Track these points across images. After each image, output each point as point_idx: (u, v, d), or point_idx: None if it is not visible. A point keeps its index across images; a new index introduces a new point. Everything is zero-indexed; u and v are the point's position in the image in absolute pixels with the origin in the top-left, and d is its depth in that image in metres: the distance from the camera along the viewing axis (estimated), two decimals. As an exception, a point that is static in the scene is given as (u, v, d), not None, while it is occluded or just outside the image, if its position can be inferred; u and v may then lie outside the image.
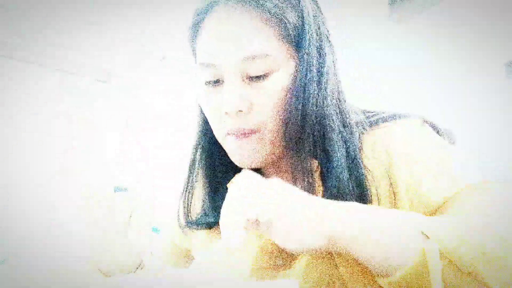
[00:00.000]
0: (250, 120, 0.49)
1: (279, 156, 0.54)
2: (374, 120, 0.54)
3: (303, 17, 0.50)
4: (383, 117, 0.54)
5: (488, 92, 3.32)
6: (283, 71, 0.49)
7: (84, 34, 2.62)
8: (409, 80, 3.17)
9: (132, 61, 2.92)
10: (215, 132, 0.55)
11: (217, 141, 0.56)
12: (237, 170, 0.62)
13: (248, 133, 0.50)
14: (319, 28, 0.52)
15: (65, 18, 2.44)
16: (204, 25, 0.52)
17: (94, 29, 2.57)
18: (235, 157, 0.53)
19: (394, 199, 0.48)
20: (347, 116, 0.53)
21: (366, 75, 2.85)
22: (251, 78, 0.49)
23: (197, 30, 0.53)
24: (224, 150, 0.56)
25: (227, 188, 0.58)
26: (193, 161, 0.61)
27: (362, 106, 0.59)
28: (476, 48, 2.70)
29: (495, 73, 2.97)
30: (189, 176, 0.62)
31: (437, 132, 0.53)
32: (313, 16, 0.52)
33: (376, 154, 0.51)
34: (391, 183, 0.49)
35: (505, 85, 3.12)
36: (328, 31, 0.54)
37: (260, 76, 0.49)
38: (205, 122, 0.59)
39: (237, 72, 0.49)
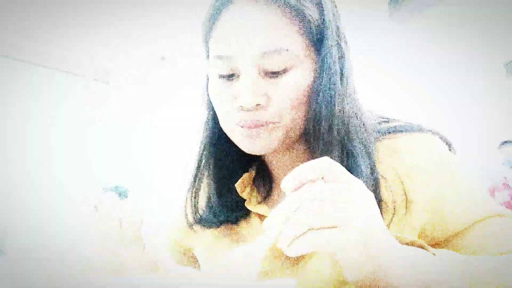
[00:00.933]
0: (266, 114, 0.48)
1: (291, 146, 0.53)
2: (391, 128, 0.53)
3: (323, 15, 0.49)
4: (399, 126, 0.53)
5: (488, 92, 3.32)
6: (302, 68, 0.48)
7: (84, 34, 2.62)
8: (409, 80, 3.18)
9: (132, 61, 2.92)
10: (223, 124, 0.53)
11: (224, 138, 0.55)
12: (245, 167, 0.60)
13: (263, 125, 0.49)
14: (338, 27, 0.52)
15: (65, 18, 2.45)
16: (221, 18, 0.50)
17: (94, 29, 2.57)
18: (245, 144, 0.51)
19: (405, 212, 0.48)
20: (365, 119, 0.52)
21: (366, 74, 2.85)
22: (267, 73, 0.48)
23: (214, 23, 0.51)
24: (232, 147, 0.54)
25: (234, 186, 0.57)
26: (201, 157, 0.59)
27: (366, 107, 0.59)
28: (476, 48, 2.70)
29: (495, 73, 2.98)
30: (196, 173, 0.60)
31: (448, 146, 0.53)
32: (333, 15, 0.51)
33: (393, 163, 0.50)
34: (405, 196, 0.48)
35: (505, 85, 3.12)
36: (344, 33, 0.54)
37: (278, 71, 0.48)
38: (214, 118, 0.57)
39: (254, 66, 0.48)
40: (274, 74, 0.48)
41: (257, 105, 0.48)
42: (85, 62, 2.85)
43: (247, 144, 0.50)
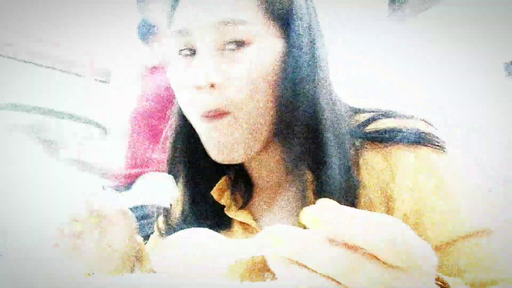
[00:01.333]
0: (222, 98, 0.44)
1: (263, 151, 0.49)
2: (375, 136, 0.49)
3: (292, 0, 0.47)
4: (390, 130, 0.49)
5: (488, 92, 3.32)
6: (262, 47, 0.45)
7: (84, 34, 2.62)
8: (409, 80, 3.17)
9: (132, 61, 2.91)
10: (189, 118, 0.49)
11: (195, 139, 0.51)
12: (222, 171, 0.56)
13: (221, 114, 0.44)
14: (310, 16, 0.49)
15: (65, 18, 2.44)
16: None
17: (94, 29, 2.57)
18: (211, 147, 0.47)
19: (385, 211, 0.45)
20: (339, 109, 0.49)
21: (365, 74, 2.84)
22: (224, 50, 0.45)
23: (176, 6, 0.49)
24: (203, 151, 0.50)
25: (209, 193, 0.53)
26: (172, 159, 0.55)
27: (362, 105, 0.57)
28: (476, 48, 2.70)
29: (495, 73, 2.97)
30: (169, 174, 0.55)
31: (441, 147, 0.48)
32: (305, 4, 0.49)
33: (376, 171, 0.47)
34: (387, 204, 0.45)
35: (505, 85, 3.12)
36: (317, 21, 0.51)
37: (236, 45, 0.44)
38: (182, 116, 0.53)
39: (211, 39, 0.44)
40: (232, 49, 0.44)
41: (212, 85, 0.44)
42: (85, 62, 2.84)
43: (217, 153, 0.46)
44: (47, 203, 2.61)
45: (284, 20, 0.47)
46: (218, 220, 0.53)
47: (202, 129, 0.47)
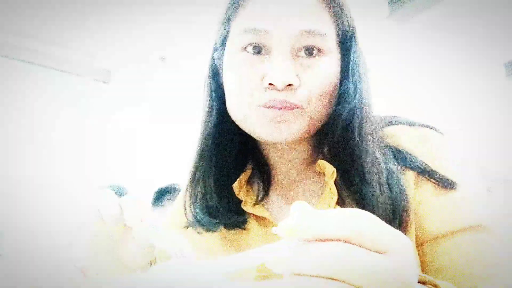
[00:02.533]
0: (295, 96, 0.47)
1: (307, 137, 0.53)
2: (391, 119, 0.55)
3: (352, 20, 0.52)
4: (399, 119, 0.55)
5: (488, 92, 3.32)
6: (331, 58, 0.49)
7: (84, 34, 2.62)
8: (409, 80, 3.18)
9: (132, 61, 2.92)
10: (239, 108, 0.50)
11: (226, 133, 0.53)
12: (242, 166, 0.58)
13: (291, 107, 0.47)
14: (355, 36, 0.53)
15: (65, 18, 2.44)
16: None
17: (94, 29, 2.57)
18: (266, 130, 0.48)
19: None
20: (375, 122, 0.53)
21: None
22: (300, 55, 0.48)
23: (243, 1, 0.50)
24: (233, 144, 0.54)
25: (231, 188, 0.55)
26: (202, 152, 0.55)
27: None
28: (476, 48, 2.70)
29: (495, 73, 2.98)
30: (195, 169, 0.56)
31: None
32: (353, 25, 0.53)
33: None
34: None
35: (505, 85, 3.12)
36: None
37: (312, 54, 0.47)
38: (219, 110, 0.54)
39: (290, 44, 0.47)
40: (308, 56, 0.47)
41: (288, 85, 0.46)
42: (85, 62, 2.85)
43: (271, 129, 0.47)
44: (46, 203, 2.61)
45: (344, 36, 0.51)
46: (238, 215, 0.55)
47: (262, 118, 0.48)
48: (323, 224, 0.24)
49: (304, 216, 0.24)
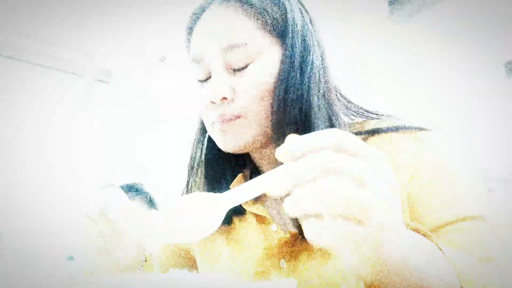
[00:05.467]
0: (234, 107, 0.51)
1: (266, 143, 0.55)
2: (376, 129, 0.55)
3: (285, 11, 0.54)
4: (388, 127, 0.54)
5: (488, 92, 3.33)
6: (265, 60, 0.52)
7: (84, 34, 2.62)
8: (408, 80, 3.18)
9: (132, 61, 2.92)
10: (206, 126, 0.57)
11: (213, 143, 0.57)
12: (238, 169, 0.62)
13: (232, 119, 0.51)
14: (303, 24, 0.55)
15: (65, 18, 2.44)
16: (195, 27, 0.56)
17: (94, 29, 2.57)
18: (220, 142, 0.54)
19: None
20: (336, 115, 0.53)
21: (365, 74, 2.85)
22: (233, 69, 0.52)
23: (191, 33, 0.57)
24: (220, 152, 0.56)
25: (228, 188, 0.58)
26: (194, 158, 0.62)
27: (363, 106, 0.59)
28: (476, 48, 2.70)
29: (495, 73, 2.98)
30: (190, 173, 0.62)
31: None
32: (298, 13, 0.55)
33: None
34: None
35: (505, 85, 3.12)
36: (315, 30, 0.57)
37: (242, 67, 0.51)
38: (202, 124, 0.60)
39: (220, 63, 0.52)
40: (239, 70, 0.51)
41: (223, 98, 0.51)
42: (85, 62, 2.85)
43: (222, 141, 0.53)
44: (46, 203, 2.62)
45: (279, 29, 0.53)
46: (232, 214, 0.59)
47: (214, 131, 0.54)
48: (308, 141, 0.29)
49: (294, 139, 0.29)
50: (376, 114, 0.58)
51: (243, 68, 0.51)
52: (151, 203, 1.61)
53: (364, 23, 2.40)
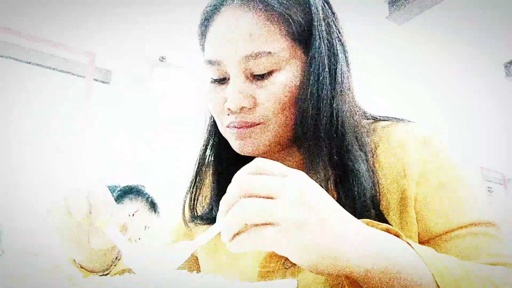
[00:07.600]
0: (253, 115, 0.50)
1: (284, 147, 0.54)
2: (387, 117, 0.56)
3: (311, 16, 0.50)
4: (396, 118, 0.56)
5: (488, 92, 3.32)
6: (288, 70, 0.49)
7: (84, 34, 2.62)
8: (408, 80, 3.18)
9: (132, 61, 2.92)
10: (218, 126, 0.55)
11: (224, 139, 0.56)
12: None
13: (250, 126, 0.50)
14: (329, 28, 0.52)
15: (65, 18, 2.44)
16: (212, 23, 0.52)
17: (94, 29, 2.57)
18: (236, 145, 0.52)
19: (403, 209, 0.48)
20: (359, 117, 0.53)
21: (365, 74, 2.84)
22: (254, 76, 0.50)
23: (206, 28, 0.54)
24: (231, 148, 0.56)
25: None
26: (203, 156, 0.61)
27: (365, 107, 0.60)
28: (476, 48, 2.70)
29: (495, 73, 2.98)
30: (197, 171, 0.62)
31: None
32: (323, 16, 0.52)
33: (389, 169, 0.51)
34: (401, 195, 0.49)
35: (505, 85, 3.12)
36: (339, 32, 0.54)
37: (264, 74, 0.49)
38: (214, 120, 0.59)
39: (241, 70, 0.49)
40: (260, 77, 0.49)
41: (242, 107, 0.49)
42: (85, 62, 2.84)
43: (238, 144, 0.52)
44: (46, 203, 2.60)
45: (305, 39, 0.51)
46: None
47: (230, 135, 0.53)
48: (225, 198, 0.37)
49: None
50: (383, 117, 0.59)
51: (264, 75, 0.49)
52: (152, 205, 1.61)
53: (364, 23, 2.40)
